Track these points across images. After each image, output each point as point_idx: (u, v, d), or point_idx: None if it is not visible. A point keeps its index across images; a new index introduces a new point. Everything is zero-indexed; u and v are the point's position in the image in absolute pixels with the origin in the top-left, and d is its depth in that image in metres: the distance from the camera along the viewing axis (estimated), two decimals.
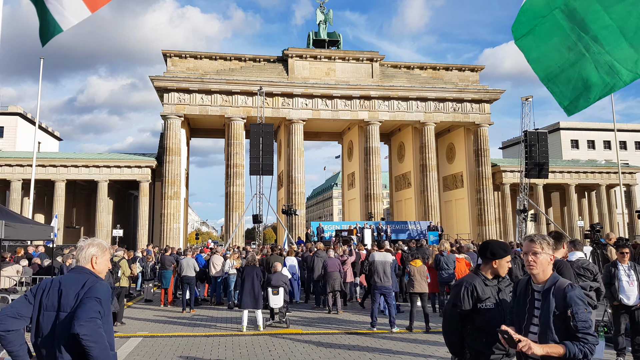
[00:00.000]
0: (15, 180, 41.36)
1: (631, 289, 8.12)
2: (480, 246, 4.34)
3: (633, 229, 51.26)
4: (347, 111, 42.16)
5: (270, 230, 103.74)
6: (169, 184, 39.12)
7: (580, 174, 51.00)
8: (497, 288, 4.06)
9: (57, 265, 14.32)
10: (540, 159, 35.17)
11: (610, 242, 11.15)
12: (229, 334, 11.67)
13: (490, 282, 4.08)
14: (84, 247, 3.73)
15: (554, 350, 3.20)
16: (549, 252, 3.56)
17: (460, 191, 47.16)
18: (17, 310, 3.42)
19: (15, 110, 59.29)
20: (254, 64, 42.09)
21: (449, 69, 45.78)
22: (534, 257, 3.53)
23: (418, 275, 12.12)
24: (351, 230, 31.70)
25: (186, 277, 15.61)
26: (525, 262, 3.56)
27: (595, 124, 71.92)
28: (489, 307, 3.96)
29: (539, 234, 3.67)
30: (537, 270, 3.53)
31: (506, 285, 4.11)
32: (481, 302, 3.98)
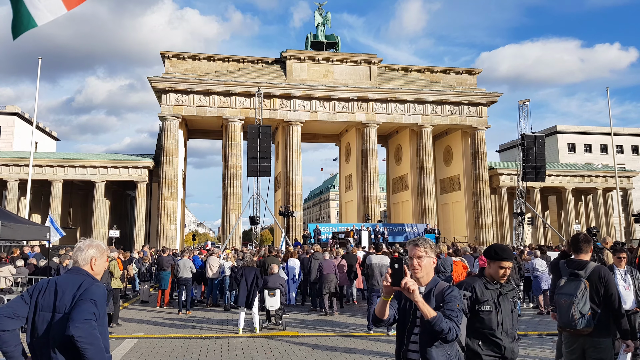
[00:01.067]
0: (12, 180, 41.25)
1: (627, 294, 8.12)
2: (485, 249, 4.37)
3: (629, 232, 51.43)
4: (344, 113, 42.20)
5: (268, 232, 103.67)
6: (166, 184, 39.07)
7: (577, 178, 51.11)
8: (497, 292, 4.09)
9: (54, 265, 14.29)
10: (537, 163, 35.27)
11: (606, 246, 11.17)
12: (225, 335, 11.64)
13: (492, 285, 4.11)
14: (84, 249, 3.71)
15: (427, 309, 3.25)
16: (432, 256, 3.60)
17: (457, 194, 47.21)
18: (13, 310, 3.41)
19: (12, 110, 59.15)
20: (252, 66, 42.09)
21: (447, 71, 45.87)
22: (419, 261, 3.56)
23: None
24: (348, 232, 31.70)
25: (182, 279, 15.57)
26: (410, 266, 3.56)
27: (592, 127, 72.13)
28: (487, 309, 4.02)
29: (422, 237, 3.69)
30: (421, 273, 3.56)
31: (509, 290, 4.12)
32: (479, 304, 4.04)
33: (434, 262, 3.63)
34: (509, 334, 4.01)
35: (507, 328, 4.01)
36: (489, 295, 4.06)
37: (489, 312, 4.02)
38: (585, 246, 5.28)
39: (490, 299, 4.05)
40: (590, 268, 5.06)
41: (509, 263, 4.08)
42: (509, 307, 4.05)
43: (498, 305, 4.04)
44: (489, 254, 4.20)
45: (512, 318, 4.06)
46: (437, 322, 3.23)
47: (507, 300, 4.07)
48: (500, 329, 4.00)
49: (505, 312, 4.03)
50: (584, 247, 5.27)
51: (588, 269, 5.06)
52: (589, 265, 5.10)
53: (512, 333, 4.03)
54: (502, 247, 4.22)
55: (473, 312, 4.06)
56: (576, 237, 5.39)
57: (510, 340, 4.01)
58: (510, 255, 4.12)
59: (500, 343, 3.98)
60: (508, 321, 4.02)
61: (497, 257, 4.13)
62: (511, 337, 4.02)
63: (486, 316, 4.02)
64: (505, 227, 47.90)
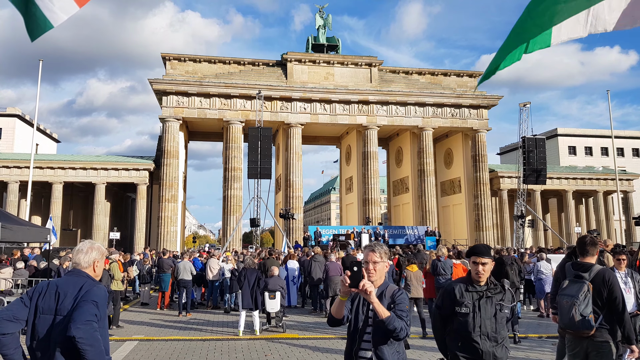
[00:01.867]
0: (13, 182, 41.27)
1: (628, 297, 8.09)
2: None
3: (630, 235, 51.38)
4: (345, 115, 42.23)
5: (268, 234, 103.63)
6: (166, 186, 39.08)
7: (577, 181, 51.09)
8: (478, 294, 4.06)
9: (54, 267, 14.28)
10: (538, 165, 35.26)
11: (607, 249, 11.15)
12: (225, 338, 11.64)
13: (475, 287, 4.09)
14: (86, 251, 3.70)
15: (382, 309, 3.46)
16: (386, 261, 3.81)
17: (457, 196, 47.19)
18: (13, 313, 3.40)
19: (13, 111, 59.22)
20: (253, 68, 42.14)
21: (447, 74, 45.89)
22: (374, 266, 3.73)
23: (414, 280, 12.12)
24: (349, 234, 31.70)
25: (183, 281, 15.57)
26: (366, 269, 3.68)
27: (593, 130, 72.09)
28: (464, 311, 4.03)
29: (377, 243, 3.89)
30: (376, 277, 3.72)
31: (496, 293, 4.07)
32: (458, 306, 4.06)
33: (387, 266, 3.83)
34: (490, 338, 3.94)
35: (487, 332, 3.95)
36: (468, 297, 4.05)
37: (466, 315, 4.01)
38: (592, 249, 5.25)
39: (469, 301, 4.04)
40: (595, 271, 5.03)
41: (482, 258, 4.06)
42: (491, 310, 3.99)
43: (477, 308, 4.00)
44: (467, 253, 4.25)
45: (496, 322, 3.98)
46: (391, 321, 3.44)
47: (490, 303, 4.02)
48: (478, 332, 3.95)
49: (485, 315, 3.98)
50: (590, 250, 5.24)
51: (592, 271, 5.03)
52: (593, 267, 5.07)
53: (495, 337, 3.95)
54: (476, 245, 4.29)
55: (454, 314, 4.08)
56: (582, 240, 5.36)
57: (491, 345, 3.94)
58: (483, 251, 4.11)
59: (477, 347, 3.93)
60: (489, 324, 3.96)
61: (469, 252, 4.20)
62: (493, 341, 3.95)
63: (463, 318, 4.02)
64: (505, 229, 47.87)
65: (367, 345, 3.60)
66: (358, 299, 3.72)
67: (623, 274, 8.29)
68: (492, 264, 4.14)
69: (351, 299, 3.73)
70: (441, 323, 4.22)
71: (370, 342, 3.59)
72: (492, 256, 4.18)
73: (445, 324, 4.18)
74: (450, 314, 4.11)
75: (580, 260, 5.30)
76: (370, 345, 3.59)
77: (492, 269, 4.14)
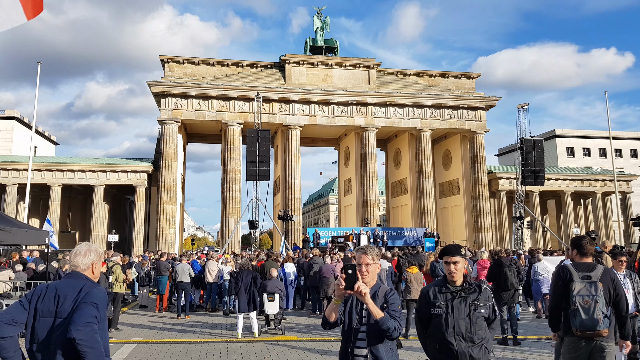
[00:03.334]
0: (11, 184, 41.21)
1: (627, 297, 8.12)
2: None
3: (629, 236, 51.40)
4: (343, 117, 42.26)
5: (267, 236, 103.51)
6: (165, 189, 39.05)
7: (576, 182, 51.15)
8: (451, 294, 4.07)
9: (52, 270, 14.24)
10: (536, 167, 35.32)
11: (605, 250, 11.16)
12: (224, 340, 11.62)
13: (449, 288, 4.10)
14: (84, 254, 3.69)
15: (376, 310, 3.59)
16: (378, 262, 3.94)
17: (456, 198, 47.23)
18: (12, 316, 3.40)
19: (11, 114, 59.15)
20: (251, 70, 42.16)
21: (445, 76, 45.95)
22: (367, 267, 3.86)
23: (415, 282, 12.11)
24: (347, 236, 31.69)
25: (181, 283, 15.55)
26: (359, 271, 3.78)
27: (591, 131, 72.23)
28: (438, 312, 4.06)
29: (369, 245, 4.00)
30: (368, 278, 3.84)
31: (470, 293, 4.06)
32: (433, 308, 4.10)
33: (379, 267, 3.95)
34: (465, 338, 3.92)
35: (461, 332, 3.93)
36: (441, 298, 4.07)
37: (439, 316, 4.03)
38: (591, 249, 5.29)
39: (442, 302, 4.05)
40: (600, 270, 5.04)
41: (453, 257, 4.09)
42: (465, 310, 3.98)
43: (450, 309, 4.01)
44: (439, 255, 4.34)
45: (470, 322, 3.96)
46: (385, 322, 3.58)
47: (464, 303, 4.01)
48: (451, 333, 3.94)
49: (459, 315, 3.97)
50: (590, 250, 5.26)
51: (598, 270, 5.03)
52: (597, 267, 5.08)
53: (470, 337, 3.93)
54: (446, 245, 4.35)
55: (430, 317, 4.11)
56: (581, 241, 5.34)
57: (467, 345, 3.91)
58: (453, 251, 4.14)
59: (452, 347, 3.92)
60: (463, 325, 3.94)
61: (441, 254, 4.24)
62: (468, 341, 3.92)
63: (437, 319, 4.05)
64: (504, 231, 47.91)
65: (362, 344, 3.71)
66: (351, 300, 3.83)
67: (622, 275, 8.30)
68: (464, 262, 4.15)
69: (344, 300, 3.84)
70: (421, 326, 4.24)
71: (365, 340, 3.71)
72: (463, 255, 4.20)
73: (425, 327, 4.21)
74: (428, 316, 4.14)
75: (580, 260, 5.30)
76: (365, 344, 3.70)
77: (465, 267, 4.15)
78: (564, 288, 5.13)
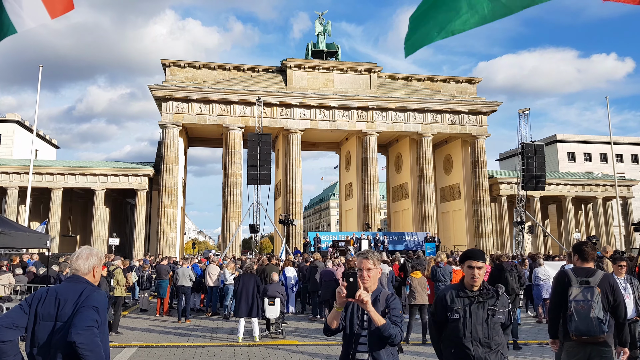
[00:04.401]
0: (12, 187, 41.25)
1: (627, 303, 8.08)
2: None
3: (629, 241, 51.34)
4: (344, 122, 42.29)
5: (268, 240, 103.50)
6: (166, 192, 39.07)
7: (577, 187, 51.12)
8: (469, 299, 4.06)
9: (53, 274, 14.25)
10: (537, 171, 35.31)
11: (606, 255, 11.15)
12: (224, 344, 11.60)
13: (466, 293, 4.09)
14: (86, 257, 3.69)
15: (378, 317, 3.59)
16: (379, 267, 3.94)
17: (457, 202, 47.20)
18: (12, 320, 3.39)
19: (12, 117, 59.27)
20: (253, 74, 42.22)
21: (447, 80, 45.99)
22: (368, 273, 3.85)
23: (419, 286, 12.08)
24: (348, 240, 31.67)
25: (182, 287, 15.54)
26: (360, 277, 3.79)
27: (592, 136, 72.24)
28: (455, 317, 4.05)
29: (370, 250, 4.00)
30: (369, 283, 3.84)
31: (488, 298, 4.05)
32: (450, 312, 4.08)
33: (379, 272, 3.95)
34: (482, 343, 3.92)
35: (479, 337, 3.93)
36: (459, 303, 4.06)
37: (456, 320, 4.02)
38: (593, 254, 5.29)
39: (460, 306, 4.04)
40: (600, 275, 5.05)
41: (477, 262, 4.06)
42: (483, 315, 3.98)
43: (467, 314, 4.00)
44: (460, 258, 4.26)
45: (488, 327, 3.95)
46: (387, 328, 3.58)
47: (482, 308, 4.01)
48: (469, 338, 3.94)
49: (476, 320, 3.97)
50: (591, 255, 5.27)
51: (597, 276, 5.04)
52: (597, 272, 5.09)
53: (488, 343, 3.93)
54: (471, 249, 4.30)
55: (447, 321, 4.10)
56: (582, 246, 5.35)
57: (484, 351, 3.91)
58: (477, 255, 4.11)
59: (469, 352, 3.92)
60: (480, 330, 3.94)
61: (463, 257, 4.20)
62: (485, 346, 3.92)
63: (454, 324, 4.03)
64: (505, 235, 47.84)
65: (364, 348, 3.72)
66: (352, 304, 3.81)
67: (622, 280, 8.30)
68: (486, 268, 4.13)
69: (345, 305, 3.86)
70: (436, 330, 4.24)
71: (366, 344, 3.71)
72: (486, 260, 4.18)
73: (440, 331, 4.20)
74: (443, 320, 4.13)
75: (581, 265, 5.31)
76: (367, 348, 3.70)
77: (485, 273, 4.13)
78: (563, 293, 5.14)
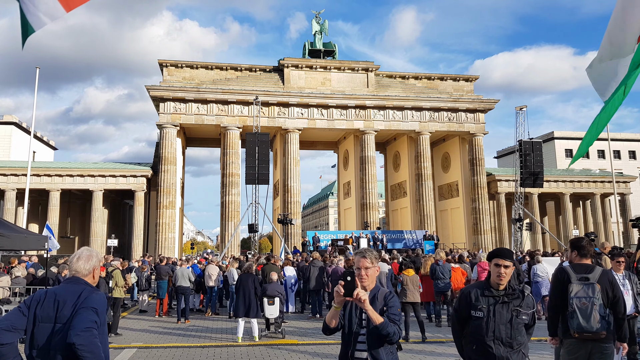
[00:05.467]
0: (10, 189, 41.18)
1: (626, 299, 8.12)
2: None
3: (628, 237, 51.44)
4: (342, 120, 42.28)
5: (266, 240, 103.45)
6: (164, 193, 39.03)
7: (575, 183, 51.19)
8: (494, 299, 4.07)
9: (52, 275, 14.23)
10: (535, 168, 35.35)
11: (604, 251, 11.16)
12: (224, 344, 11.60)
13: (492, 292, 4.10)
14: (86, 259, 3.68)
15: (376, 316, 3.60)
16: (377, 265, 3.98)
17: (455, 200, 47.25)
18: (11, 322, 3.39)
19: (10, 119, 59.16)
20: (250, 74, 42.20)
21: (444, 78, 46.00)
22: (366, 271, 3.88)
23: (411, 284, 12.09)
24: (347, 239, 31.68)
25: (181, 287, 15.53)
26: (358, 275, 3.82)
27: None
28: (479, 315, 4.07)
29: (367, 249, 4.02)
30: (368, 282, 3.87)
31: (513, 299, 4.06)
32: (474, 310, 4.11)
33: (377, 270, 3.99)
34: (504, 343, 3.94)
35: (501, 337, 3.95)
36: (483, 301, 4.08)
37: (479, 319, 4.05)
38: (590, 250, 5.32)
39: (484, 305, 4.06)
40: (599, 272, 5.07)
41: (504, 261, 4.07)
42: (507, 315, 3.99)
43: (492, 313, 4.02)
44: (488, 256, 4.29)
45: (511, 328, 3.97)
46: (385, 327, 3.59)
47: (506, 308, 4.02)
48: (491, 337, 3.97)
49: (500, 320, 3.99)
50: (589, 251, 5.29)
51: (596, 272, 5.06)
52: (596, 269, 5.11)
53: (510, 342, 3.95)
54: (499, 248, 4.33)
55: (470, 318, 4.13)
56: (580, 242, 5.36)
57: (506, 350, 3.94)
58: (506, 254, 4.13)
59: (490, 351, 3.95)
60: (503, 330, 3.96)
61: (490, 255, 4.21)
62: (507, 346, 3.94)
63: (477, 322, 4.06)
64: (503, 233, 47.89)
65: (362, 347, 3.74)
66: (351, 303, 3.83)
67: (621, 276, 8.31)
68: (513, 267, 4.14)
69: (343, 304, 3.89)
70: (459, 325, 4.28)
71: (365, 343, 3.73)
72: (514, 260, 4.19)
73: (462, 327, 4.25)
74: (466, 316, 4.17)
75: (579, 261, 5.32)
76: (365, 347, 3.72)
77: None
78: (562, 290, 5.15)
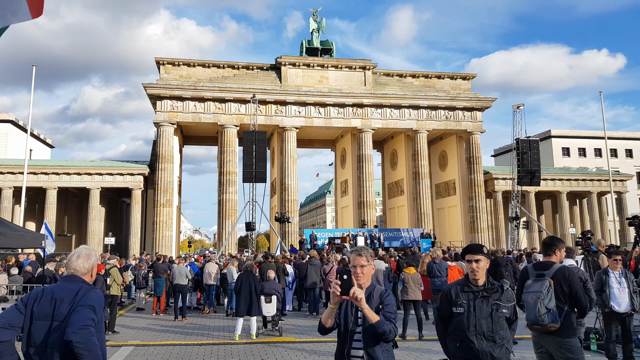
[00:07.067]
0: (7, 187, 41.05)
1: (622, 296, 8.17)
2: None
3: (624, 236, 51.57)
4: (340, 119, 42.27)
5: (264, 238, 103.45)
6: (161, 191, 38.97)
7: (571, 182, 51.33)
8: (474, 294, 4.12)
9: (49, 274, 14.21)
10: (532, 167, 35.42)
11: (601, 249, 11.20)
12: (221, 342, 11.61)
13: (471, 287, 4.16)
14: (85, 257, 3.68)
15: (372, 314, 3.59)
16: (372, 263, 3.95)
17: (452, 198, 47.31)
18: (8, 320, 3.39)
19: (6, 117, 58.93)
20: (247, 72, 42.15)
21: (441, 77, 46.03)
22: (362, 269, 3.85)
23: (412, 282, 12.12)
24: (344, 237, 31.70)
25: (178, 285, 15.53)
26: (354, 274, 3.80)
27: (586, 131, 72.48)
28: (459, 311, 4.12)
29: (363, 247, 4.03)
30: (363, 280, 3.84)
31: (492, 293, 4.11)
32: (455, 306, 4.16)
33: (373, 268, 3.96)
34: (486, 337, 3.98)
35: (483, 331, 3.99)
36: (463, 297, 4.13)
37: (460, 314, 4.10)
38: (551, 249, 5.54)
39: (465, 301, 4.11)
40: (555, 268, 5.32)
41: (475, 255, 4.14)
42: (487, 310, 4.04)
43: (472, 308, 4.06)
44: (461, 254, 4.36)
45: (492, 321, 4.01)
46: (380, 325, 3.57)
47: (486, 303, 4.07)
48: (473, 331, 4.00)
49: (481, 314, 4.03)
50: (549, 250, 5.54)
51: (553, 269, 5.31)
52: (554, 265, 5.36)
53: (492, 337, 3.99)
54: (469, 244, 4.38)
55: (452, 315, 4.18)
56: (544, 241, 5.70)
57: (489, 344, 3.97)
58: (474, 249, 4.20)
59: (473, 346, 3.98)
60: (485, 324, 4.00)
61: (462, 253, 4.29)
62: (490, 340, 3.98)
63: (458, 318, 4.11)
64: (500, 231, 48.00)
65: (358, 345, 3.72)
66: (346, 302, 3.83)
67: (617, 274, 8.35)
68: (486, 261, 4.19)
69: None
70: (442, 325, 4.31)
71: (361, 341, 3.72)
72: (485, 254, 4.24)
73: (445, 326, 4.27)
74: (449, 315, 4.20)
75: (542, 259, 5.61)
76: (361, 345, 3.71)
77: (487, 267, 4.20)
78: (522, 287, 5.47)
